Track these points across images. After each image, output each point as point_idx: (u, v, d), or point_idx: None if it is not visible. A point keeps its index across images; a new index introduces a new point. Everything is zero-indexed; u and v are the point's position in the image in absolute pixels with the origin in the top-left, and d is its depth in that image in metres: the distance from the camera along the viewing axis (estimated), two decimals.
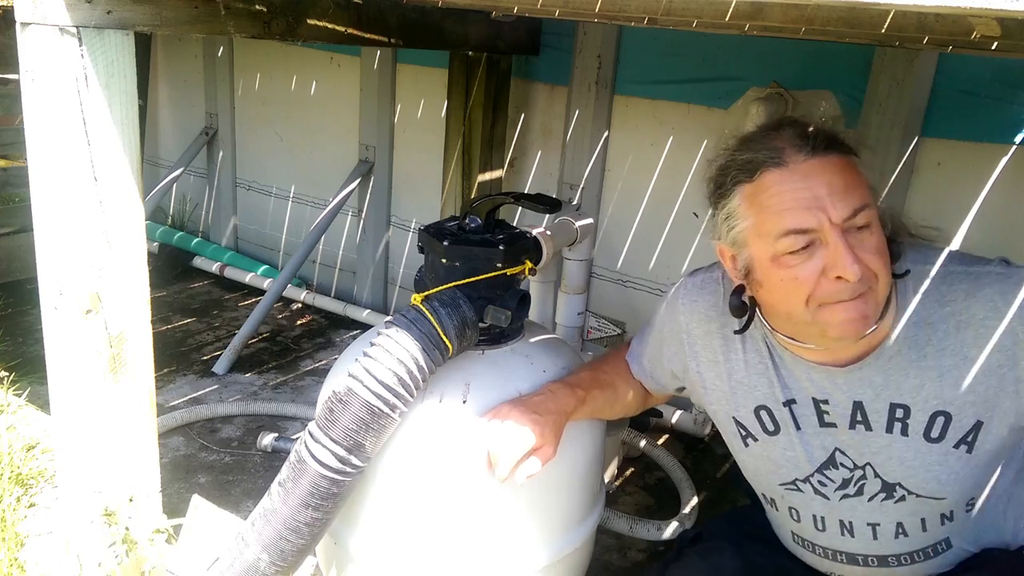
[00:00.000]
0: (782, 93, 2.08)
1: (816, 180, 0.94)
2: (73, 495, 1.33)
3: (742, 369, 1.15)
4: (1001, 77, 1.79)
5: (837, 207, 0.93)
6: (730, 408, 1.17)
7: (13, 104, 3.65)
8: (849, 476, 1.09)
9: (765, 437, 1.14)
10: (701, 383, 1.21)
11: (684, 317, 1.22)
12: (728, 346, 1.16)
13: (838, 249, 0.93)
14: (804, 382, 1.09)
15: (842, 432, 1.08)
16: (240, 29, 1.38)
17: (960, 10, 0.63)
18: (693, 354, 1.21)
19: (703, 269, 1.26)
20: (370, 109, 2.99)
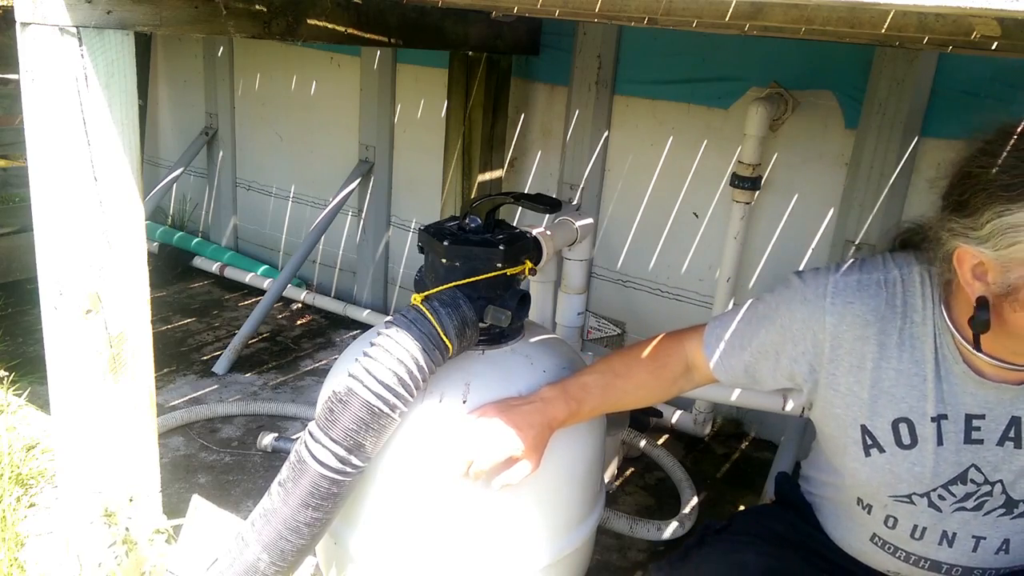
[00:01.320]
0: (782, 93, 2.08)
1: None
2: (73, 495, 1.33)
3: (892, 378, 1.07)
4: (1001, 77, 1.79)
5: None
6: (862, 416, 1.10)
7: (13, 104, 3.65)
8: (974, 491, 1.06)
9: (895, 450, 1.08)
10: (832, 386, 1.12)
11: (833, 319, 1.09)
12: (882, 353, 1.08)
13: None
14: (965, 397, 1.05)
15: (987, 448, 1.04)
16: (240, 29, 1.38)
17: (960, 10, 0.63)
18: (834, 357, 1.11)
19: (854, 269, 1.13)
20: (370, 109, 2.99)
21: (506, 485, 1.16)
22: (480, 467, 1.15)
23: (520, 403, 1.22)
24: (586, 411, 1.27)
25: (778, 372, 1.18)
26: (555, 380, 1.32)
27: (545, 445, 1.20)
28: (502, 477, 1.16)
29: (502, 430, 1.16)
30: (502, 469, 1.16)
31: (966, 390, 1.04)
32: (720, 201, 2.29)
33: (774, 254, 2.24)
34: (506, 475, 1.16)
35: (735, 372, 1.23)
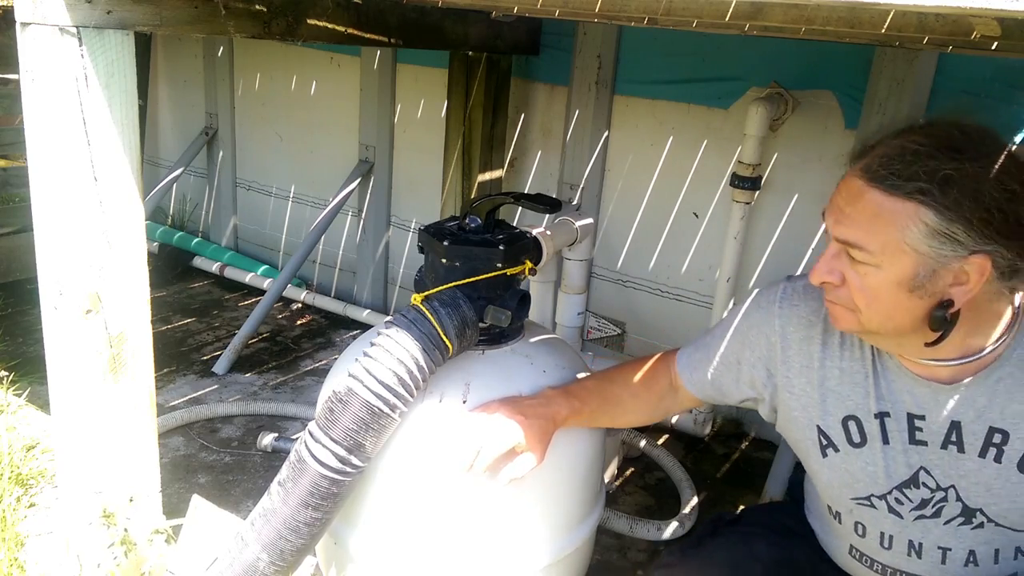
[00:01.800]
0: (782, 93, 2.08)
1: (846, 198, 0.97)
2: (73, 495, 1.33)
3: (836, 376, 1.11)
4: (1001, 77, 1.79)
5: (839, 227, 0.97)
6: (815, 416, 1.13)
7: (13, 104, 3.65)
8: (929, 497, 1.06)
9: (848, 448, 1.10)
10: (788, 388, 1.15)
11: (780, 320, 1.15)
12: (826, 352, 1.11)
13: (826, 251, 1.00)
14: (903, 395, 1.06)
15: (932, 451, 1.05)
16: (240, 29, 1.38)
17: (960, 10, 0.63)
18: (785, 359, 1.15)
19: (804, 276, 1.16)
20: (370, 109, 2.99)
21: (512, 478, 1.16)
22: (485, 458, 1.15)
23: (523, 399, 1.24)
24: (587, 412, 1.28)
25: (740, 380, 1.22)
26: (555, 381, 1.33)
27: (549, 440, 1.20)
28: (507, 470, 1.16)
29: (506, 421, 1.16)
30: (507, 462, 1.17)
31: (903, 387, 1.06)
32: (720, 201, 2.29)
33: (774, 254, 2.24)
34: (511, 468, 1.16)
35: (703, 386, 1.28)
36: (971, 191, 0.88)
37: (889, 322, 0.98)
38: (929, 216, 0.89)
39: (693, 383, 1.28)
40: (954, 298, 0.93)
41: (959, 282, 0.92)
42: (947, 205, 0.88)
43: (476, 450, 1.16)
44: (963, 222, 0.89)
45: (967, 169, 0.89)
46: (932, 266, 0.91)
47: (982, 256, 0.90)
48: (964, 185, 0.88)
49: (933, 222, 0.89)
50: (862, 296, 0.97)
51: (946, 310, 0.93)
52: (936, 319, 0.94)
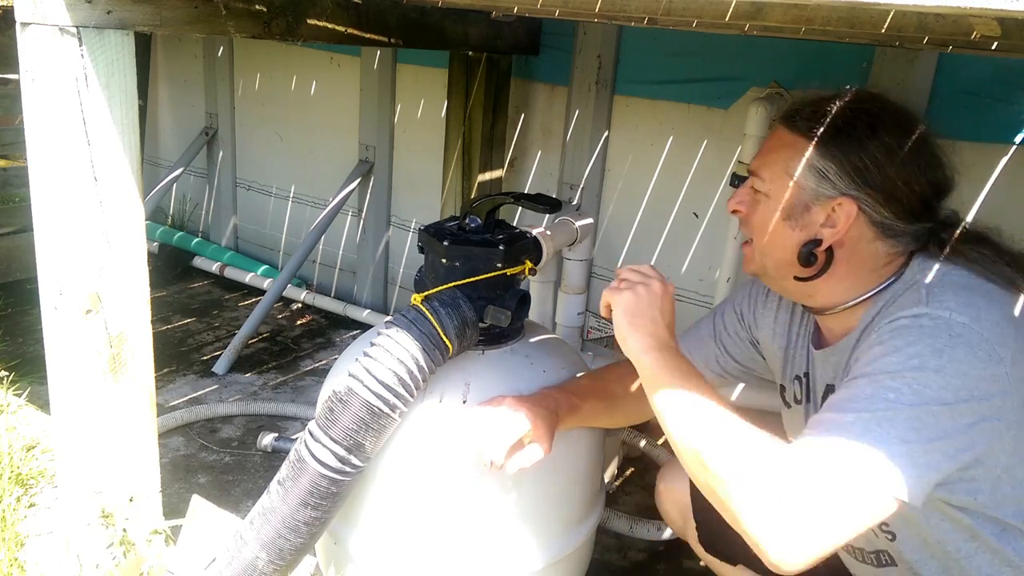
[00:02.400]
0: (782, 93, 2.08)
1: (768, 137, 1.11)
2: (73, 495, 1.33)
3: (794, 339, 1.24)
4: (1001, 77, 1.79)
5: (752, 162, 1.11)
6: (779, 375, 1.28)
7: (13, 104, 3.65)
8: None
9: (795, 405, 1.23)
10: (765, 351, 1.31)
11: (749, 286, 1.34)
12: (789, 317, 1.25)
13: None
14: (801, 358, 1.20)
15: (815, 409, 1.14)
16: (240, 29, 1.38)
17: (960, 10, 0.63)
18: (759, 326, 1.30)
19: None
20: (370, 109, 2.99)
21: (520, 468, 1.16)
22: (497, 448, 1.14)
23: (525, 396, 1.24)
24: (585, 409, 1.29)
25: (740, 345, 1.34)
26: (555, 381, 1.33)
27: (553, 432, 1.20)
28: (516, 459, 1.16)
29: (514, 412, 1.17)
30: (514, 452, 1.16)
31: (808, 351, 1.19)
32: (720, 201, 2.29)
33: None
34: (519, 457, 1.16)
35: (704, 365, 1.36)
36: (855, 139, 0.99)
37: (770, 253, 1.08)
38: (813, 152, 1.01)
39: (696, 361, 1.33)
40: (823, 237, 1.02)
41: (830, 224, 1.02)
42: (827, 145, 1.00)
43: (486, 440, 1.15)
44: (836, 163, 1.00)
45: (858, 121, 1.00)
46: (805, 199, 1.02)
47: (849, 200, 1.00)
48: (850, 132, 1.00)
49: (812, 157, 1.01)
50: (751, 223, 1.10)
51: (814, 247, 1.03)
52: (803, 254, 1.03)
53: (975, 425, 0.88)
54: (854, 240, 1.03)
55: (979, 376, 0.88)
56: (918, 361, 0.88)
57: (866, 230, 1.02)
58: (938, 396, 0.86)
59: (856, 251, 1.03)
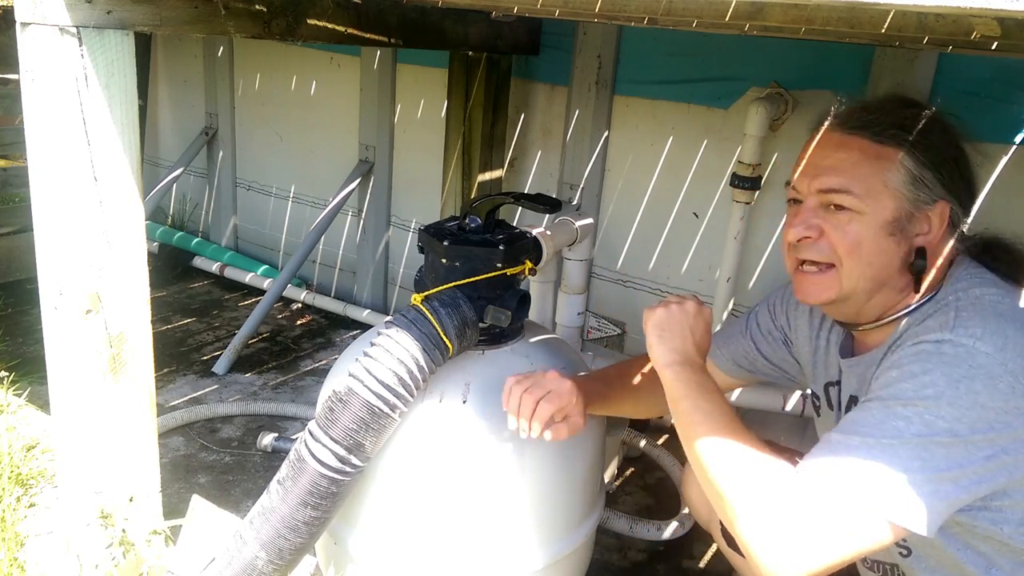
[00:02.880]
0: (782, 93, 2.08)
1: (825, 151, 1.02)
2: (73, 495, 1.33)
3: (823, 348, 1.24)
4: (1001, 77, 1.79)
5: (820, 178, 1.01)
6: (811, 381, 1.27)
7: (13, 104, 3.65)
8: None
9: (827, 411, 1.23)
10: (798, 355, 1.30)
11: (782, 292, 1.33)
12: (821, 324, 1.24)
13: (798, 211, 1.03)
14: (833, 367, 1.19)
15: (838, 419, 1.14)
16: (240, 29, 1.38)
17: (960, 10, 0.63)
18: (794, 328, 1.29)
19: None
20: (370, 109, 2.99)
21: (556, 438, 1.18)
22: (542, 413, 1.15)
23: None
24: (613, 397, 1.32)
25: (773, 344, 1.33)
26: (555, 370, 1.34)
27: (585, 412, 1.22)
28: (556, 430, 1.18)
29: (562, 381, 1.18)
30: (550, 424, 1.17)
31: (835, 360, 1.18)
32: (720, 201, 2.29)
33: (774, 254, 2.24)
34: (558, 429, 1.18)
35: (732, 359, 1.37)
36: (938, 144, 0.98)
37: (869, 270, 1.01)
38: (908, 160, 0.97)
39: (723, 356, 1.38)
40: (925, 246, 1.00)
41: (923, 231, 0.99)
42: (923, 151, 0.97)
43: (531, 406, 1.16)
44: (933, 169, 0.98)
45: (934, 125, 0.99)
46: (910, 209, 0.98)
47: (943, 204, 0.98)
48: (931, 137, 0.98)
49: (912, 166, 0.97)
50: (844, 244, 1.00)
51: (923, 257, 0.99)
52: (917, 267, 0.99)
53: (994, 458, 0.86)
54: (939, 245, 1.00)
55: (999, 409, 0.85)
56: (933, 391, 0.86)
57: (948, 233, 1.00)
58: (950, 428, 0.84)
59: (935, 256, 1.00)
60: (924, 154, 0.98)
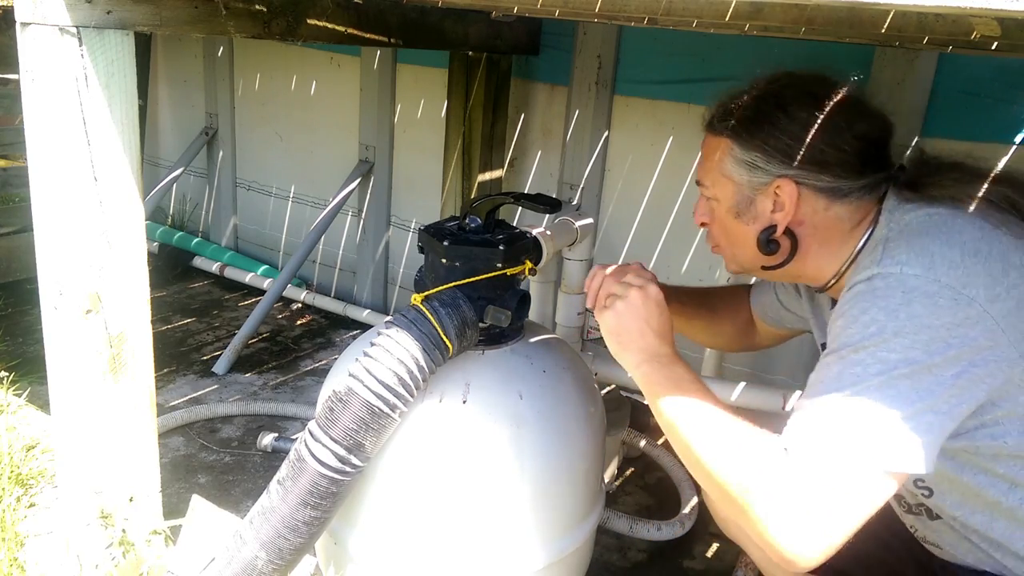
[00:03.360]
0: None
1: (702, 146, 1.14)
2: (72, 495, 1.33)
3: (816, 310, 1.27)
4: (1001, 77, 1.79)
5: (697, 173, 1.14)
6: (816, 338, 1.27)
7: (13, 104, 3.65)
8: None
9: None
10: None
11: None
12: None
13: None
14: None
15: None
16: (240, 29, 1.38)
17: (960, 10, 0.63)
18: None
19: None
20: (370, 109, 2.99)
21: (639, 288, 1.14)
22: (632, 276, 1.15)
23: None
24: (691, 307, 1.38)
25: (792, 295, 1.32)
26: (556, 381, 1.34)
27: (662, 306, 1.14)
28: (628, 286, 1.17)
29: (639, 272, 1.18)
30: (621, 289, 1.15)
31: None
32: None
33: None
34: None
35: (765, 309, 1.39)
36: (768, 122, 1.02)
37: (738, 250, 1.11)
38: (734, 147, 1.04)
39: (758, 306, 1.40)
40: (776, 223, 1.04)
41: (778, 208, 1.03)
42: (746, 136, 1.03)
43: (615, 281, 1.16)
44: (760, 151, 1.02)
45: (765, 104, 1.04)
46: (747, 192, 1.05)
47: (785, 180, 1.01)
48: (762, 118, 1.02)
49: (737, 152, 1.04)
50: (714, 230, 1.14)
51: (770, 234, 1.04)
52: (762, 242, 1.05)
53: (963, 374, 0.84)
54: (810, 214, 1.03)
55: (948, 324, 0.84)
56: (876, 328, 0.85)
57: (817, 200, 1.02)
58: (905, 357, 0.83)
59: (818, 223, 1.03)
60: (751, 138, 1.03)
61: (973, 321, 0.84)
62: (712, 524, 2.00)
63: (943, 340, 0.84)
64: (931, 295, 0.85)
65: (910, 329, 0.84)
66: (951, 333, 0.84)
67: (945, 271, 0.86)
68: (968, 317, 0.84)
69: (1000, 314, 0.85)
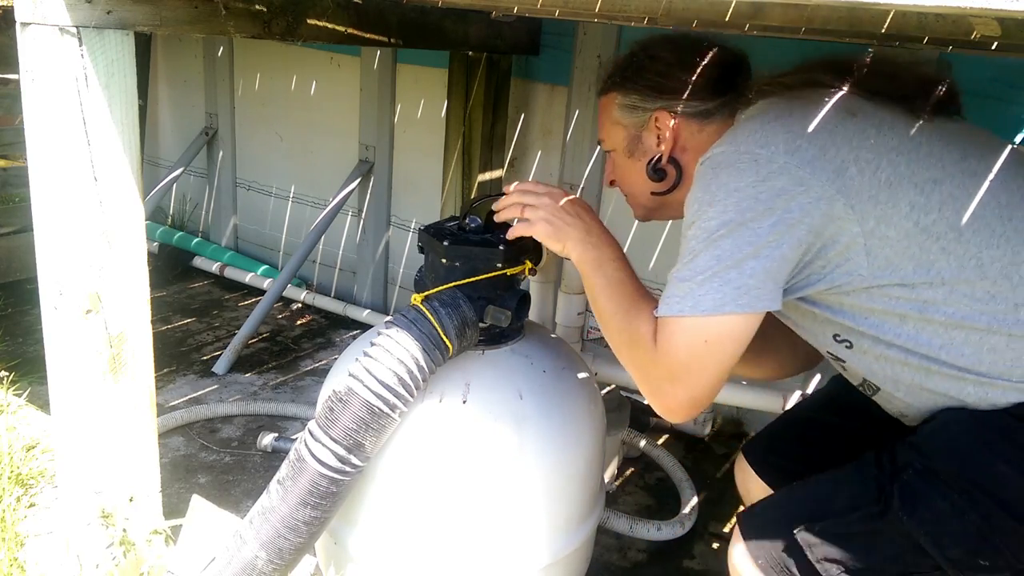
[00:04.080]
0: None
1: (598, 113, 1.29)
2: (73, 495, 1.33)
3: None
4: (1001, 77, 1.79)
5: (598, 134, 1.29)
6: None
7: (13, 104, 3.65)
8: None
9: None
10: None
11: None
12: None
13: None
14: None
15: None
16: (240, 29, 1.38)
17: (960, 10, 0.63)
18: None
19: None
20: (370, 109, 2.99)
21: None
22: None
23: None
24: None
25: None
26: (555, 381, 1.34)
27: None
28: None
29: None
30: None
31: None
32: None
33: None
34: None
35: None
36: (640, 68, 1.19)
37: (635, 189, 1.25)
38: (618, 96, 1.21)
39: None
40: (662, 152, 1.19)
41: (661, 139, 1.18)
42: (625, 84, 1.20)
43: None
44: (636, 91, 1.18)
45: (636, 56, 1.21)
46: (634, 132, 1.20)
47: (661, 112, 1.16)
48: (636, 66, 1.20)
49: (620, 100, 1.20)
50: (620, 179, 1.28)
51: (657, 163, 1.19)
52: (650, 171, 1.20)
53: (779, 222, 0.93)
54: (688, 139, 1.17)
55: (751, 183, 0.95)
56: (696, 207, 0.99)
57: (690, 125, 1.16)
58: (721, 221, 0.95)
59: (696, 147, 1.16)
60: (630, 84, 1.19)
61: (776, 173, 0.94)
62: (712, 524, 2.00)
63: (752, 197, 0.94)
64: (732, 163, 0.98)
65: (720, 197, 0.96)
66: (757, 190, 0.95)
67: (744, 139, 0.99)
68: (771, 172, 0.95)
69: (804, 161, 0.95)
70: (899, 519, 0.97)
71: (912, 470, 0.99)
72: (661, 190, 1.21)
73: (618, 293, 1.12)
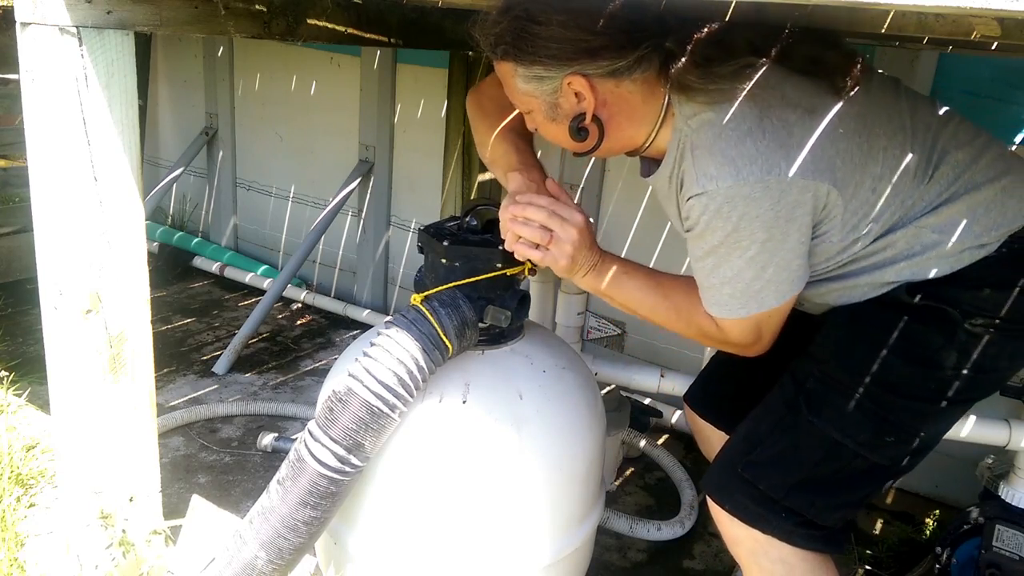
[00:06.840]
0: None
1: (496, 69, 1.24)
2: (72, 495, 1.33)
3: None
4: (1001, 77, 1.79)
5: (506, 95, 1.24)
6: None
7: (13, 104, 3.65)
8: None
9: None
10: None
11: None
12: None
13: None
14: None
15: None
16: (240, 29, 1.38)
17: (960, 10, 0.63)
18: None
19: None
20: (370, 109, 2.99)
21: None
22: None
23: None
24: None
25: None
26: (555, 381, 1.34)
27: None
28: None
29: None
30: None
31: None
32: None
33: None
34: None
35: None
36: (534, 36, 1.10)
37: (563, 146, 1.22)
38: (517, 67, 1.14)
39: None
40: (584, 112, 1.13)
41: (581, 99, 1.13)
42: (520, 56, 1.12)
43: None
44: (539, 63, 1.11)
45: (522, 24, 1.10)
46: (548, 99, 1.14)
47: (573, 76, 1.10)
48: (526, 35, 1.10)
49: (521, 71, 1.14)
50: (543, 134, 1.25)
51: (578, 123, 1.15)
52: (572, 131, 1.16)
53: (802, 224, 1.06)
54: (608, 95, 1.13)
55: (770, 205, 1.03)
56: (718, 238, 1.07)
57: (607, 84, 1.12)
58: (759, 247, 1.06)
59: (617, 102, 1.14)
60: (525, 56, 1.11)
61: (787, 191, 1.03)
62: (712, 524, 2.00)
63: (774, 217, 1.04)
64: (746, 195, 1.02)
65: (745, 225, 1.04)
66: (776, 210, 1.03)
67: (747, 169, 1.02)
68: (782, 191, 1.02)
69: (806, 171, 1.03)
70: (810, 423, 1.16)
71: (812, 379, 1.18)
72: (585, 149, 1.19)
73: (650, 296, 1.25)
